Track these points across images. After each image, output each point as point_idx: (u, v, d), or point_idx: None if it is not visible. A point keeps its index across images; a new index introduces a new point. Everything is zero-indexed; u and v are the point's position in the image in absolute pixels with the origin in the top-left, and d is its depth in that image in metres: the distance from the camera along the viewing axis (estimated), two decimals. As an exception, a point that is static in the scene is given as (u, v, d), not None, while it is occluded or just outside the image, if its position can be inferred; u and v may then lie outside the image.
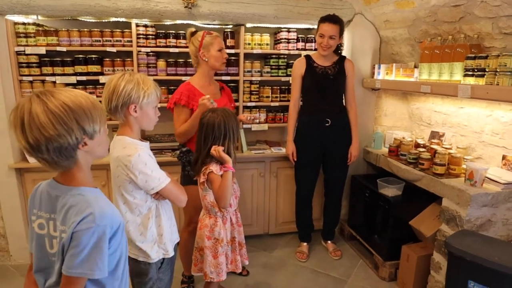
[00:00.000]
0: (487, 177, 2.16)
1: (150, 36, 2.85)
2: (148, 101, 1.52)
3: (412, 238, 2.62)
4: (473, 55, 2.04)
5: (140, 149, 1.50)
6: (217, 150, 1.85)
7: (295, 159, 2.80)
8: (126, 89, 1.46)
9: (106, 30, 2.79)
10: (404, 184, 2.66)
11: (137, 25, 2.79)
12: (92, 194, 1.06)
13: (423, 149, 2.65)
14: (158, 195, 1.59)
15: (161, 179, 1.54)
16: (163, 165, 2.85)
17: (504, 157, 2.31)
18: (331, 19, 2.55)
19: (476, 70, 2.00)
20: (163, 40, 2.89)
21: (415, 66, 2.84)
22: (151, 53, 2.89)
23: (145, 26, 2.82)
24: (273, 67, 3.15)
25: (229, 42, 2.99)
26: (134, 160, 1.46)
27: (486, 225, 2.14)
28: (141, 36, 2.82)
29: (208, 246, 2.00)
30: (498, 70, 1.86)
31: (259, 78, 3.11)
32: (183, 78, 2.88)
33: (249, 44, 3.04)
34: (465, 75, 2.08)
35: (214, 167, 1.90)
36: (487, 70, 1.94)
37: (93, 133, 1.04)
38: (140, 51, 2.84)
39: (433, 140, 2.81)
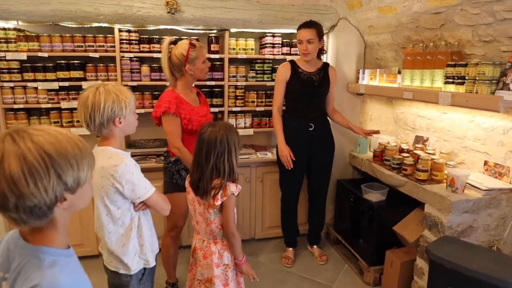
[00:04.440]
0: (468, 183, 2.18)
1: (134, 41, 2.82)
2: (129, 109, 1.52)
3: (396, 243, 2.63)
4: (453, 63, 2.05)
5: (126, 159, 1.49)
6: None
7: (293, 159, 2.67)
8: (108, 104, 1.45)
9: (89, 35, 2.76)
10: (388, 190, 2.67)
11: (120, 30, 2.77)
12: (51, 258, 0.85)
13: (407, 154, 2.66)
14: (141, 205, 1.58)
15: (147, 188, 1.54)
16: (148, 171, 2.90)
17: (485, 163, 2.33)
18: (306, 24, 2.57)
19: (456, 78, 2.02)
20: (147, 45, 2.86)
21: (399, 72, 2.85)
22: (134, 59, 2.86)
23: (128, 31, 2.80)
24: (258, 72, 3.14)
25: (214, 47, 2.98)
26: (121, 170, 1.45)
27: (467, 231, 2.16)
28: (124, 41, 2.79)
29: (218, 275, 1.80)
30: (477, 78, 1.88)
31: (244, 83, 3.10)
32: (168, 83, 2.86)
33: (233, 49, 3.02)
34: (446, 83, 2.10)
35: (233, 188, 1.71)
36: (466, 78, 1.95)
37: (76, 186, 0.85)
38: (124, 57, 2.81)
39: (417, 145, 2.82)
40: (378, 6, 2.58)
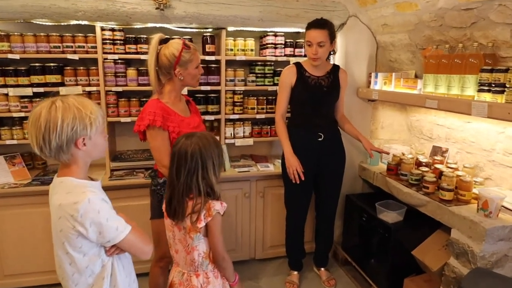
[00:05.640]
0: (503, 206, 1.89)
1: (118, 42, 2.50)
2: (96, 127, 1.22)
3: (415, 268, 2.34)
4: (489, 67, 1.75)
5: (89, 193, 1.18)
6: None
7: (301, 176, 2.32)
8: (67, 122, 1.14)
9: (67, 34, 2.44)
10: (405, 209, 2.37)
11: (102, 29, 2.44)
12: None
13: (426, 169, 2.38)
14: (115, 249, 1.27)
15: (120, 228, 1.22)
16: (135, 188, 2.57)
17: (518, 180, 2.05)
18: (317, 24, 2.25)
19: (493, 85, 1.72)
20: (133, 46, 2.55)
21: (416, 76, 2.57)
22: (119, 61, 2.54)
23: (112, 30, 2.48)
24: (259, 75, 2.83)
25: (209, 47, 2.66)
26: (83, 209, 1.14)
27: (502, 260, 1.87)
28: (108, 41, 2.47)
29: None
30: (522, 86, 1.58)
31: (243, 88, 2.78)
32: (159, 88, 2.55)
33: (231, 50, 2.71)
34: (480, 90, 1.80)
35: (218, 206, 1.50)
36: (507, 85, 1.65)
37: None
38: (107, 59, 2.49)
39: (435, 157, 2.54)
40: (395, 2, 2.28)
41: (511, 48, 1.81)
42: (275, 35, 2.79)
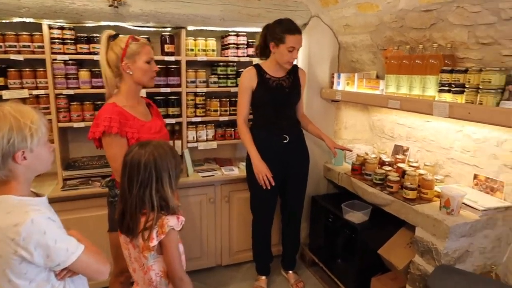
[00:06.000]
0: (463, 203, 1.94)
1: (69, 41, 2.32)
2: (38, 138, 1.08)
3: (381, 267, 2.37)
4: (449, 68, 1.79)
5: (33, 212, 1.05)
6: None
7: (271, 182, 2.26)
8: (2, 134, 1.00)
9: (10, 32, 2.22)
10: (371, 209, 2.39)
11: (50, 27, 2.25)
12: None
13: (390, 168, 2.41)
14: (66, 272, 1.14)
15: (71, 249, 1.10)
16: (91, 198, 2.39)
17: (475, 177, 2.12)
18: (298, 29, 2.21)
19: (453, 86, 1.75)
20: (86, 46, 2.37)
21: (377, 76, 2.60)
22: (70, 62, 2.36)
23: (61, 28, 2.29)
24: (221, 76, 2.74)
25: (168, 47, 2.54)
26: (26, 231, 1.01)
27: (463, 256, 1.92)
28: (57, 40, 2.28)
29: None
30: (481, 86, 1.62)
31: (205, 90, 2.69)
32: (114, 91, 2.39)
33: (192, 50, 2.61)
34: (440, 91, 1.83)
35: (173, 221, 1.38)
36: (467, 86, 1.69)
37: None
38: (56, 59, 2.30)
39: (397, 156, 2.58)
40: (356, 3, 2.28)
41: (468, 49, 1.85)
42: (237, 35, 2.72)
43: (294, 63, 2.40)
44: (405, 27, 2.10)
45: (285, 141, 2.40)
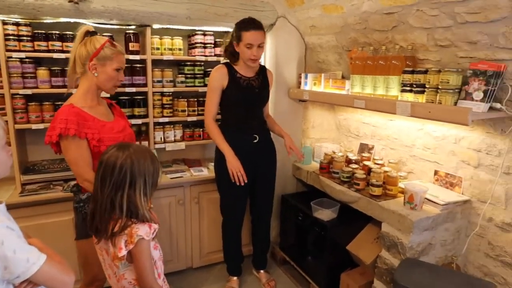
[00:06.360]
0: (426, 198, 2.03)
1: (25, 38, 2.21)
2: None
3: (350, 262, 2.43)
4: (410, 69, 1.86)
5: None
6: None
7: (244, 178, 2.26)
8: None
9: (-42, 28, 2.08)
10: (339, 206, 2.44)
11: (4, 23, 2.13)
12: None
13: (356, 166, 2.47)
14: (26, 284, 1.07)
15: (31, 260, 1.03)
16: (53, 203, 2.29)
17: (436, 173, 2.22)
18: (256, 25, 2.17)
19: (415, 86, 1.83)
20: (44, 43, 2.26)
21: (343, 76, 2.65)
22: (27, 60, 2.24)
23: (17, 24, 2.17)
24: (188, 76, 2.70)
25: (133, 46, 2.47)
26: None
27: (426, 249, 2.00)
28: (11, 37, 2.16)
29: None
30: (440, 86, 1.70)
31: (172, 89, 2.64)
32: (74, 90, 2.29)
33: (158, 49, 2.55)
34: (403, 91, 1.90)
35: (143, 230, 1.31)
36: (427, 86, 1.76)
37: None
38: (11, 57, 2.18)
39: (363, 154, 2.65)
40: (322, 4, 2.32)
41: (427, 51, 1.94)
42: (204, 34, 2.69)
43: (262, 63, 2.40)
44: (369, 29, 2.16)
45: (255, 141, 2.40)
